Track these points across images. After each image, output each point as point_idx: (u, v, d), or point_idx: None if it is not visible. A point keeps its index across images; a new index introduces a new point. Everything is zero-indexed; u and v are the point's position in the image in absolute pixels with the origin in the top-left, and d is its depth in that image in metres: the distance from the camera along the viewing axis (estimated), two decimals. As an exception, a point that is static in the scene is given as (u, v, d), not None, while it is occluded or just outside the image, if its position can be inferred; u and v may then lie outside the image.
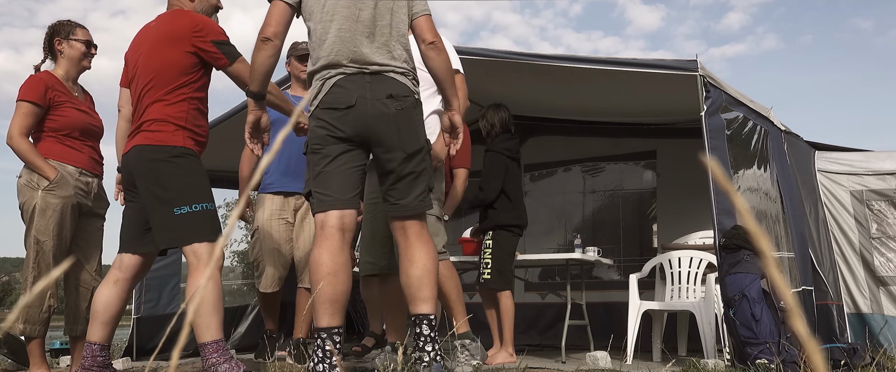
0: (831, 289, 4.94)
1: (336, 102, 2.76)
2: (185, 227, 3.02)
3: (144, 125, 3.09)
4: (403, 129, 2.80)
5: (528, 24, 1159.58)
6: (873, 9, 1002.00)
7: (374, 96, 2.76)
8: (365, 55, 2.79)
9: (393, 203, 2.88)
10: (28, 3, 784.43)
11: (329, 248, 2.73)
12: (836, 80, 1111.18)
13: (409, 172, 2.83)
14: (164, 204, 3.02)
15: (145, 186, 3.05)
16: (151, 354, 5.47)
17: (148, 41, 3.19)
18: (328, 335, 2.66)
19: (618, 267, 7.19)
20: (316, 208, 2.80)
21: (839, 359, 3.61)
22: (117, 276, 3.22)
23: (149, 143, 3.05)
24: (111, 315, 3.18)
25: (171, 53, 3.10)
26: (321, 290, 2.69)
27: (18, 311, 0.64)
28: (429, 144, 2.93)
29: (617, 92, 5.44)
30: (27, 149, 3.64)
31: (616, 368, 4.02)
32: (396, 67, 2.84)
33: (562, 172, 7.77)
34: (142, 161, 3.06)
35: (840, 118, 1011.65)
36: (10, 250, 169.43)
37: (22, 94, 3.68)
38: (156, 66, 3.11)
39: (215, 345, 2.93)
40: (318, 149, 2.79)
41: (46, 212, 3.61)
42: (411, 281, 2.81)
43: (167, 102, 3.08)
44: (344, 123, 2.75)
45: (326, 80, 2.80)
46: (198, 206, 3.04)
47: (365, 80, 2.78)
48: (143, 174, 3.05)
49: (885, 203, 5.18)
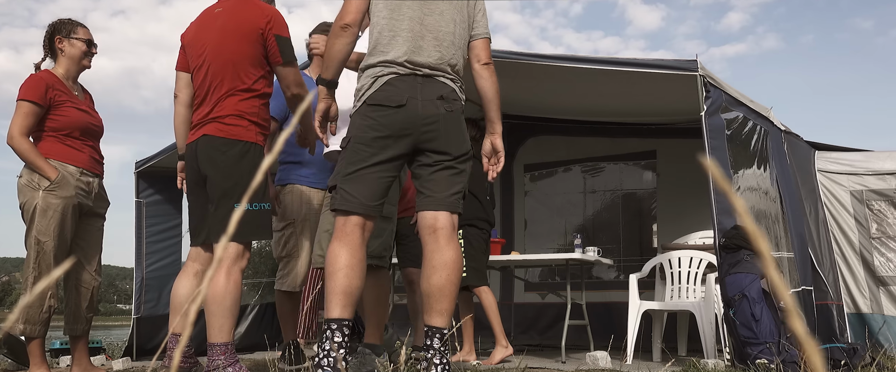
0: (831, 289, 4.94)
1: (387, 100, 2.75)
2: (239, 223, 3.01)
3: (219, 117, 3.08)
4: (451, 132, 2.81)
5: (528, 24, 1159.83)
6: (874, 9, 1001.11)
7: (425, 97, 2.77)
8: (422, 59, 2.81)
9: (427, 195, 2.83)
10: (28, 3, 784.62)
11: (349, 243, 2.71)
12: (836, 80, 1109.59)
13: (450, 167, 2.83)
14: (226, 198, 3.03)
15: (213, 177, 3.06)
16: (151, 354, 5.47)
17: (216, 30, 3.18)
18: (338, 326, 2.64)
19: (618, 267, 7.19)
20: (339, 206, 2.75)
21: (839, 359, 3.61)
22: (196, 268, 3.29)
23: (223, 135, 3.05)
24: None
25: (245, 47, 3.11)
26: (336, 281, 2.65)
27: (19, 311, 0.64)
28: (472, 150, 2.93)
29: (617, 92, 5.45)
30: (28, 149, 3.63)
31: (616, 368, 4.02)
32: (447, 73, 2.86)
33: (562, 172, 7.78)
34: (213, 152, 3.05)
35: (840, 118, 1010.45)
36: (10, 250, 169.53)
37: (22, 94, 3.66)
38: (230, 58, 3.11)
39: (224, 347, 2.93)
40: (358, 143, 2.76)
41: (48, 212, 3.61)
42: (432, 290, 2.75)
43: (241, 97, 3.10)
44: (392, 122, 2.74)
45: (379, 77, 2.79)
46: (257, 205, 3.05)
47: (417, 81, 2.79)
48: (213, 166, 3.05)
49: (885, 203, 5.18)
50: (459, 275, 2.80)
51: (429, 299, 2.76)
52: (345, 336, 2.64)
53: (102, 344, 5.30)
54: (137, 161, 5.90)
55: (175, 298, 3.26)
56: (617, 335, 4.81)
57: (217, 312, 2.92)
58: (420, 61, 2.80)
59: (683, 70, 4.16)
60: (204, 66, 3.16)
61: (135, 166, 5.90)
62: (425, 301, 2.77)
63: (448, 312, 2.75)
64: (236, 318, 3.01)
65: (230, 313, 2.96)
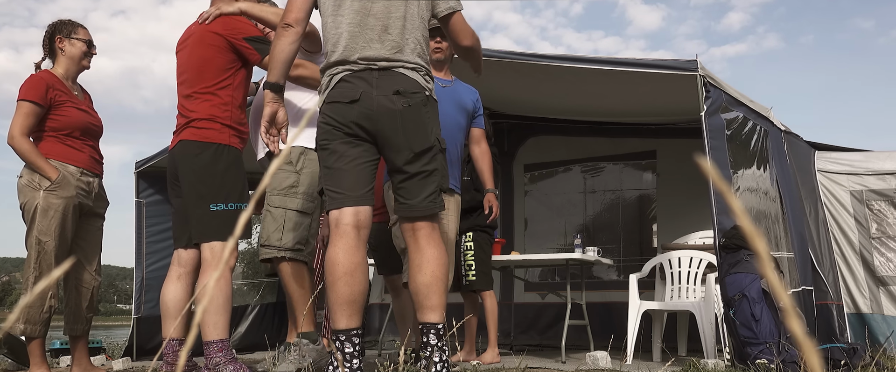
0: (831, 289, 4.94)
1: (341, 96, 2.70)
2: (218, 223, 3.06)
3: (193, 123, 3.18)
4: (410, 127, 2.71)
5: (528, 23, 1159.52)
6: (874, 9, 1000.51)
7: (380, 92, 2.69)
8: (374, 51, 2.73)
9: (402, 202, 2.78)
10: (28, 3, 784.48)
11: (344, 246, 2.65)
12: (836, 80, 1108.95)
13: (418, 172, 2.74)
14: (202, 199, 3.09)
15: (188, 181, 3.14)
16: (151, 354, 5.47)
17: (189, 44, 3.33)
18: (347, 337, 2.60)
19: (618, 267, 7.19)
20: (329, 206, 2.72)
21: (839, 359, 3.61)
22: (179, 271, 3.35)
23: (196, 139, 3.14)
24: (181, 310, 3.29)
25: (213, 54, 3.23)
26: (338, 291, 2.61)
27: (19, 311, 0.64)
28: (441, 143, 2.83)
29: (617, 92, 5.44)
30: (28, 149, 3.63)
31: (616, 368, 4.02)
32: (407, 63, 2.75)
33: (562, 172, 7.77)
34: (188, 156, 3.14)
35: (840, 118, 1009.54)
36: (10, 250, 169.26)
37: (23, 94, 3.66)
38: (199, 66, 3.23)
39: (220, 344, 2.95)
40: (325, 144, 2.73)
41: (48, 212, 3.61)
42: (419, 288, 2.72)
43: (212, 102, 3.19)
44: (348, 117, 2.69)
45: (334, 75, 2.75)
46: (233, 205, 3.11)
47: (372, 75, 2.71)
48: (188, 169, 3.13)
49: (885, 203, 5.18)
50: (445, 271, 2.76)
51: (418, 297, 2.72)
52: (355, 346, 2.61)
53: (102, 344, 5.30)
54: (137, 161, 5.91)
55: (164, 303, 3.31)
56: (617, 335, 4.81)
57: (210, 310, 2.95)
58: (371, 55, 2.72)
59: (683, 70, 4.16)
60: (180, 74, 3.33)
61: (135, 166, 5.91)
62: (416, 300, 2.74)
63: (440, 307, 2.71)
64: (230, 315, 3.04)
65: (223, 310, 2.98)
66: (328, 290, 2.65)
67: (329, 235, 2.77)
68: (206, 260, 3.07)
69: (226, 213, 3.09)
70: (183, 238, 3.34)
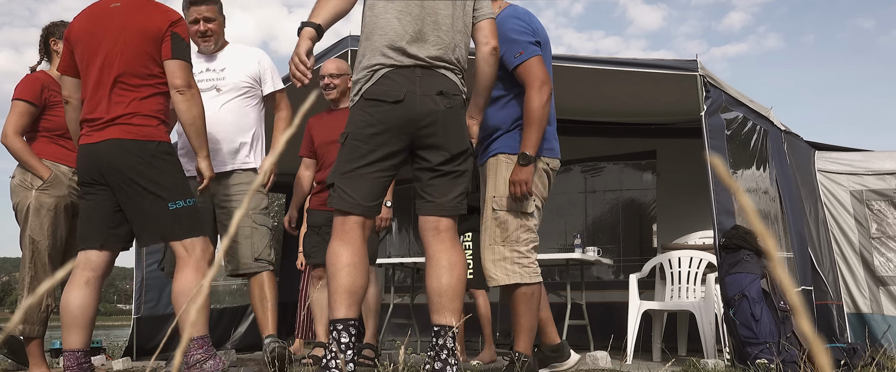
0: (831, 289, 4.94)
1: (384, 95, 2.63)
2: (182, 221, 3.02)
3: (124, 119, 2.97)
4: (451, 128, 2.69)
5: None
6: (875, 9, 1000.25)
7: (424, 92, 2.64)
8: (421, 49, 2.67)
9: (428, 200, 2.75)
10: (28, 3, 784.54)
11: (349, 241, 2.66)
12: (836, 80, 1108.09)
13: (450, 171, 2.73)
14: (158, 199, 2.98)
15: (130, 180, 2.96)
16: (151, 354, 5.46)
17: (115, 28, 3.03)
18: (344, 326, 2.59)
19: (618, 267, 7.19)
20: (337, 205, 2.69)
21: (839, 359, 3.61)
22: (87, 276, 3.04)
23: (134, 137, 2.96)
24: (89, 318, 3.02)
25: (149, 46, 3.01)
26: (339, 280, 2.60)
27: (21, 313, 0.64)
28: (472, 147, 2.83)
29: (617, 92, 5.45)
30: (21, 148, 3.62)
31: (616, 368, 4.02)
32: (449, 64, 2.73)
33: (562, 172, 7.76)
34: (126, 155, 2.96)
35: (840, 118, 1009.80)
36: (10, 250, 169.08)
37: (18, 93, 3.66)
38: (132, 57, 3.00)
39: (200, 341, 2.94)
40: (355, 144, 2.67)
41: (41, 211, 3.60)
42: (443, 289, 2.69)
43: (144, 95, 3.01)
44: (388, 118, 2.62)
45: (376, 70, 2.67)
46: (190, 200, 3.05)
47: (416, 74, 2.65)
48: (130, 169, 2.96)
49: (885, 203, 5.18)
50: (466, 275, 2.80)
51: (441, 298, 2.70)
52: (351, 337, 2.60)
53: (102, 344, 5.30)
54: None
55: (68, 311, 2.98)
56: (617, 335, 4.80)
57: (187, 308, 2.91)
58: (419, 52, 2.67)
59: (683, 70, 4.16)
60: (98, 62, 3.02)
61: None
62: (436, 300, 2.71)
63: (460, 311, 2.73)
64: (208, 312, 3.03)
65: (202, 307, 2.96)
66: (329, 281, 2.65)
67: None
68: (183, 258, 3.02)
69: (186, 209, 3.02)
70: (98, 239, 3.06)
